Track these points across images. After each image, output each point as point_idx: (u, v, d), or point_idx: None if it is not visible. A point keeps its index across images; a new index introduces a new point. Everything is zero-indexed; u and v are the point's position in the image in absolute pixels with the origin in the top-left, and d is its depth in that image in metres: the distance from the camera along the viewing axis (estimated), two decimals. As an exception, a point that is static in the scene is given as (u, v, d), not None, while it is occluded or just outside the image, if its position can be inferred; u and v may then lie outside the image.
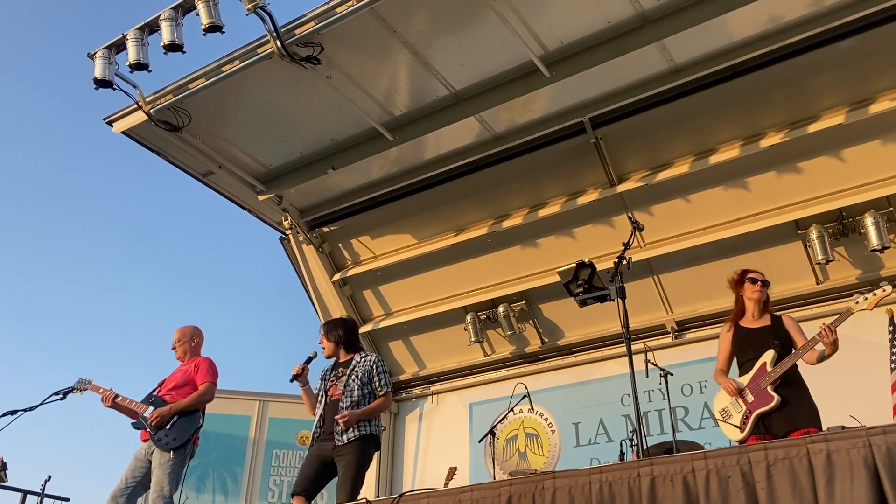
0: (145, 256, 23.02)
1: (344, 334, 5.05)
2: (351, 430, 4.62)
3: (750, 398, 4.24)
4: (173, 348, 5.56)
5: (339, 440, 4.61)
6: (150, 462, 5.11)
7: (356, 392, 4.75)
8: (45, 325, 21.42)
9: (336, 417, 4.60)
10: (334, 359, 5.07)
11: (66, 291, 21.42)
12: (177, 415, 5.16)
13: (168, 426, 5.12)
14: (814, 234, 6.36)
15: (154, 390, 5.39)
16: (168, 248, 23.57)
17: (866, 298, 4.13)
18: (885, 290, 4.11)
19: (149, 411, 5.16)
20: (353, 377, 4.81)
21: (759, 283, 4.56)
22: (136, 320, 22.63)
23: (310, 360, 4.97)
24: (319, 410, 4.84)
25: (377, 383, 4.84)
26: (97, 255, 22.18)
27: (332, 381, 4.90)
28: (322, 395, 4.89)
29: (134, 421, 5.24)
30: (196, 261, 23.99)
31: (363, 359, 4.95)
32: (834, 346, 4.12)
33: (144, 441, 5.21)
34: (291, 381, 4.87)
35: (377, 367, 4.89)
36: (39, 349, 21.24)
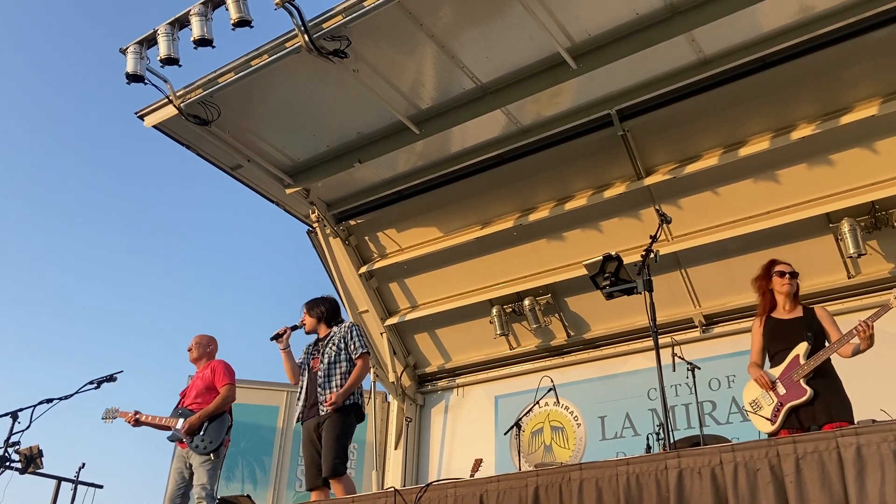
0: (169, 255, 23.33)
1: (326, 311, 5.22)
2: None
3: (782, 390, 4.18)
4: (189, 350, 5.79)
5: (322, 410, 4.80)
6: (191, 464, 5.35)
7: (332, 357, 4.94)
8: (74, 321, 21.85)
9: (324, 404, 4.79)
10: (315, 335, 5.24)
11: (103, 290, 21.81)
12: (206, 420, 5.36)
13: (201, 432, 5.33)
14: (846, 227, 6.27)
15: (178, 403, 5.59)
16: (188, 246, 23.87)
17: None
18: None
19: (180, 423, 5.38)
20: (329, 345, 5.01)
21: (787, 275, 4.47)
22: (158, 317, 22.95)
23: (295, 327, 5.18)
24: (303, 383, 5.03)
25: (353, 346, 4.96)
26: (131, 256, 22.52)
27: (313, 356, 5.09)
28: (305, 370, 5.08)
29: (169, 434, 5.45)
30: (214, 259, 24.27)
31: (340, 328, 5.11)
32: (870, 341, 4.06)
33: (183, 448, 5.43)
34: (271, 339, 5.08)
35: (351, 332, 5.03)
36: (69, 342, 21.71)
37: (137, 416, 5.50)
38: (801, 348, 4.20)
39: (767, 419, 4.18)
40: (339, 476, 4.69)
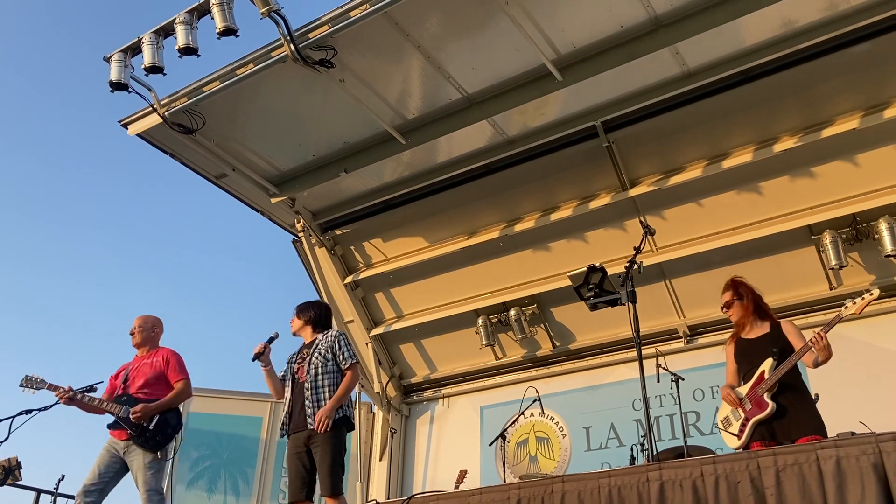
0: (157, 259, 23.18)
1: (315, 315, 5.03)
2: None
3: (748, 406, 4.25)
4: (131, 334, 5.41)
5: (311, 424, 4.60)
6: (124, 460, 4.99)
7: (319, 368, 4.73)
8: (54, 329, 21.64)
9: (314, 420, 4.59)
10: (301, 342, 5.04)
11: (80, 294, 21.61)
12: (158, 414, 5.03)
13: (151, 426, 4.98)
14: (827, 239, 6.32)
15: (117, 389, 5.19)
16: (175, 250, 23.74)
17: (854, 303, 4.15)
18: (872, 294, 4.12)
19: (124, 410, 4.98)
20: (315, 354, 4.80)
21: (723, 308, 4.66)
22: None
23: (271, 339, 4.94)
24: (288, 394, 4.83)
25: (341, 357, 4.79)
26: (110, 259, 22.36)
27: (298, 363, 4.88)
28: (289, 379, 4.87)
29: (111, 421, 5.07)
30: (198, 266, 24.14)
31: (325, 336, 4.91)
32: (826, 352, 4.11)
33: (121, 440, 5.02)
34: (253, 360, 4.84)
35: (339, 342, 4.84)
36: (49, 351, 21.48)
37: (71, 393, 5.01)
38: (767, 364, 4.27)
39: (734, 435, 4.26)
40: (337, 496, 4.61)
